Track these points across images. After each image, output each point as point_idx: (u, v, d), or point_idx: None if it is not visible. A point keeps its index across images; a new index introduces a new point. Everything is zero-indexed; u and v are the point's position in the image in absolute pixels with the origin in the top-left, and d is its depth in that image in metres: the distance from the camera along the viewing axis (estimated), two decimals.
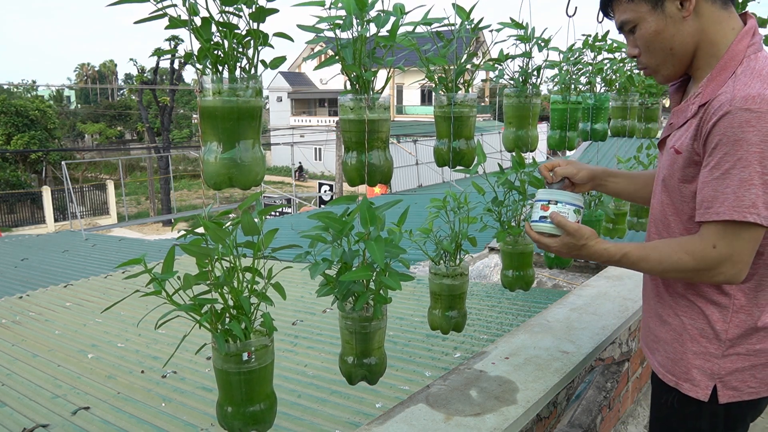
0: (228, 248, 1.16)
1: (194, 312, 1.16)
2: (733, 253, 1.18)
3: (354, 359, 1.44)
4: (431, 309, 1.87)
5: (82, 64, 48.97)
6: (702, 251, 1.21)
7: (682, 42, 1.27)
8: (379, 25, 1.29)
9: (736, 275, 1.20)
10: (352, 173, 1.37)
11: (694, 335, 1.32)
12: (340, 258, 1.33)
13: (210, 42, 1.08)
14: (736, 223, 1.16)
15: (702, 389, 1.31)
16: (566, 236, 1.38)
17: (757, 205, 1.14)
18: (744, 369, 1.28)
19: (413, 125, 26.01)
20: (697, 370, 1.31)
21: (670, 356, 1.37)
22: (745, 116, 1.13)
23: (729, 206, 1.15)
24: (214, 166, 1.10)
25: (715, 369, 1.29)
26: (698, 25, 1.25)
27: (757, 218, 1.14)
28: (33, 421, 2.45)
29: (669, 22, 1.25)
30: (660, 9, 1.25)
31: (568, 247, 1.39)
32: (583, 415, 2.25)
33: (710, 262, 1.20)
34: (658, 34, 1.27)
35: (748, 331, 1.27)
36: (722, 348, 1.29)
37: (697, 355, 1.31)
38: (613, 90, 2.62)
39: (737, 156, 1.14)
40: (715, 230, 1.19)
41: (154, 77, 25.21)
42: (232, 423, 1.23)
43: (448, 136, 1.65)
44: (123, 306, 3.95)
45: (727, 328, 1.28)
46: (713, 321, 1.29)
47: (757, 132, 1.12)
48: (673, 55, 1.29)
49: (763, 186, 1.13)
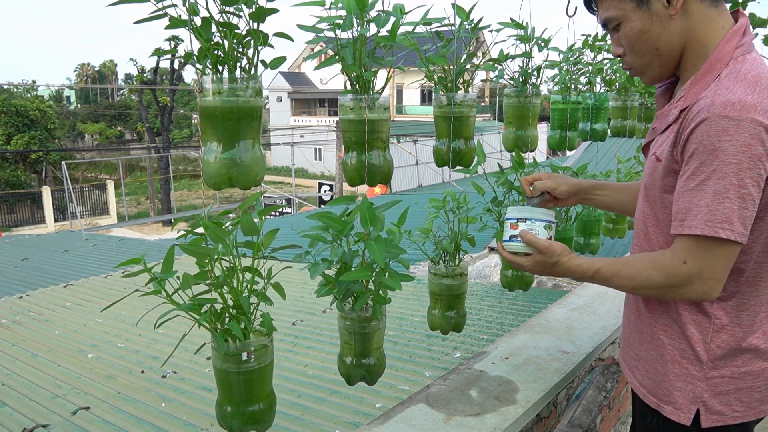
0: (228, 248, 1.16)
1: (194, 312, 1.16)
2: (703, 269, 1.11)
3: (353, 359, 1.44)
4: (430, 309, 1.87)
5: (82, 64, 48.98)
6: (672, 267, 1.15)
7: (669, 42, 1.19)
8: (379, 25, 1.29)
9: (707, 293, 1.14)
10: (352, 173, 1.37)
11: (674, 356, 1.25)
12: (340, 258, 1.33)
13: (210, 42, 1.08)
14: (709, 238, 1.09)
15: (684, 413, 1.24)
16: (538, 254, 1.32)
17: (732, 220, 1.07)
18: (729, 392, 1.21)
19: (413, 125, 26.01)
20: (679, 393, 1.24)
21: (651, 376, 1.30)
22: (723, 124, 1.05)
23: (701, 220, 1.08)
24: (214, 166, 1.10)
25: (698, 392, 1.22)
26: (686, 24, 1.18)
27: (730, 234, 1.07)
28: (33, 421, 2.45)
29: (655, 20, 1.18)
30: (645, 7, 1.18)
31: (540, 265, 1.33)
32: (583, 415, 2.25)
33: (680, 279, 1.14)
34: (644, 33, 1.20)
35: (731, 352, 1.20)
36: (704, 370, 1.21)
37: (679, 377, 1.24)
38: (613, 90, 2.62)
39: (713, 167, 1.07)
40: (687, 244, 1.12)
41: (154, 77, 25.21)
42: (232, 423, 1.23)
43: (447, 136, 1.65)
44: (123, 306, 3.95)
45: (708, 348, 1.21)
46: (693, 342, 1.22)
47: (735, 142, 1.05)
48: (659, 56, 1.21)
49: (740, 200, 1.06)
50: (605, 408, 2.33)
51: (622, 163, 2.98)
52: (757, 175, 1.06)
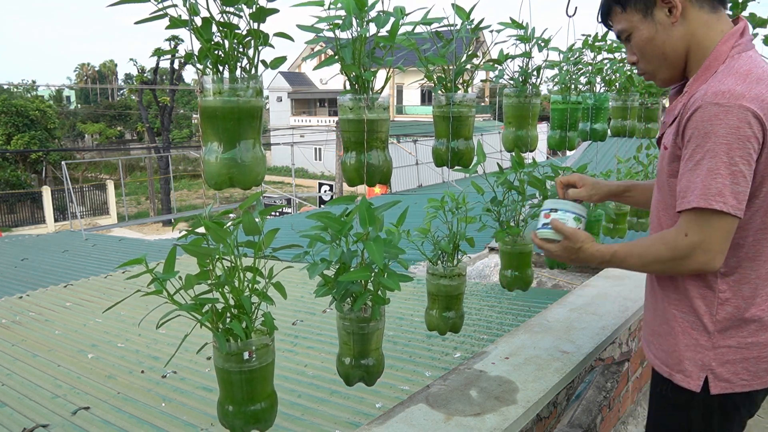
0: (229, 248, 1.16)
1: (195, 311, 1.16)
2: (703, 240, 1.22)
3: (351, 360, 1.44)
4: (428, 309, 1.87)
5: (82, 64, 48.95)
6: (675, 240, 1.26)
7: (673, 46, 1.33)
8: (379, 25, 1.29)
9: (708, 262, 1.24)
10: (351, 173, 1.37)
11: (684, 327, 1.36)
12: (339, 258, 1.33)
13: (210, 42, 1.08)
14: (705, 210, 1.20)
15: (693, 380, 1.34)
16: (565, 240, 1.46)
17: (724, 193, 1.18)
18: (736, 361, 1.31)
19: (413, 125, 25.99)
20: (689, 362, 1.35)
21: (664, 348, 1.42)
22: (714, 110, 1.19)
23: (697, 195, 1.20)
24: (214, 166, 1.10)
25: (706, 360, 1.33)
26: (687, 30, 1.31)
27: (723, 206, 1.19)
28: (33, 421, 2.45)
29: (659, 28, 1.32)
30: (650, 17, 1.32)
31: (567, 250, 1.46)
32: (583, 415, 2.25)
33: (683, 251, 1.25)
34: (651, 40, 1.34)
35: (736, 323, 1.30)
36: (711, 340, 1.32)
37: (688, 347, 1.35)
38: (613, 90, 2.62)
39: (706, 147, 1.19)
40: (687, 219, 1.24)
41: (154, 77, 25.20)
42: (233, 422, 1.23)
43: (446, 136, 1.64)
44: (123, 306, 3.95)
45: (714, 320, 1.32)
46: (701, 314, 1.33)
47: (725, 125, 1.18)
48: (666, 59, 1.35)
49: (731, 176, 1.18)
50: (605, 408, 2.33)
51: (622, 162, 2.98)
52: (747, 155, 1.18)
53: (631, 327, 2.41)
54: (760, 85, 1.20)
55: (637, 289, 2.53)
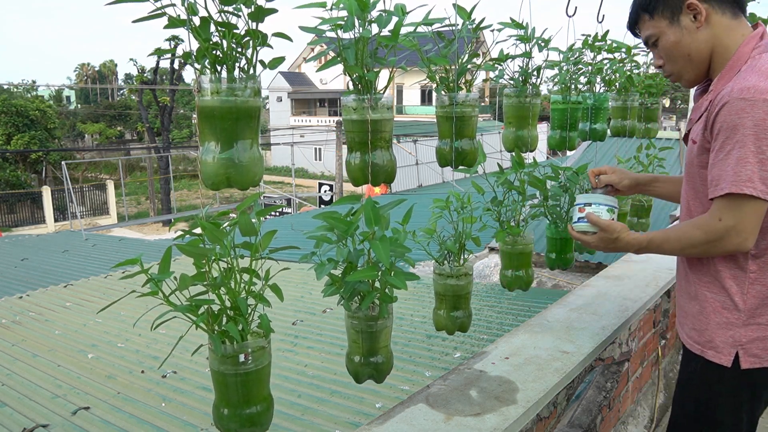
0: (225, 249, 1.16)
1: (191, 313, 1.15)
2: (736, 224, 1.33)
3: (361, 358, 1.44)
4: (436, 309, 1.87)
5: (82, 64, 48.94)
6: (709, 224, 1.37)
7: (698, 49, 1.44)
8: (381, 25, 1.29)
9: (741, 244, 1.35)
10: (356, 173, 1.36)
11: (716, 307, 1.46)
12: (346, 258, 1.33)
13: (208, 42, 1.08)
14: (736, 196, 1.31)
15: (725, 355, 1.45)
16: (601, 232, 1.58)
17: (753, 179, 1.29)
18: (765, 338, 1.41)
19: (413, 125, 25.98)
20: (720, 339, 1.45)
21: (696, 327, 1.52)
22: (741, 105, 1.29)
23: (729, 182, 1.31)
24: (212, 167, 1.10)
25: (737, 337, 1.43)
26: (711, 33, 1.43)
27: (753, 191, 1.29)
28: (33, 421, 2.45)
29: (685, 33, 1.44)
30: (677, 22, 1.44)
31: (604, 241, 1.59)
32: (583, 415, 2.25)
33: (717, 234, 1.36)
34: (677, 44, 1.45)
35: (766, 301, 1.41)
36: (742, 318, 1.42)
37: (720, 325, 1.45)
38: (613, 90, 2.62)
39: (735, 139, 1.30)
40: (720, 205, 1.35)
41: (154, 77, 25.20)
42: (229, 425, 1.21)
43: (450, 136, 1.64)
44: (123, 306, 3.95)
45: (745, 299, 1.42)
46: (732, 293, 1.43)
47: (751, 117, 1.28)
48: (691, 61, 1.46)
49: (759, 163, 1.28)
50: (605, 408, 2.33)
51: (622, 162, 2.97)
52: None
53: (631, 327, 2.41)
54: None
55: (637, 289, 2.53)
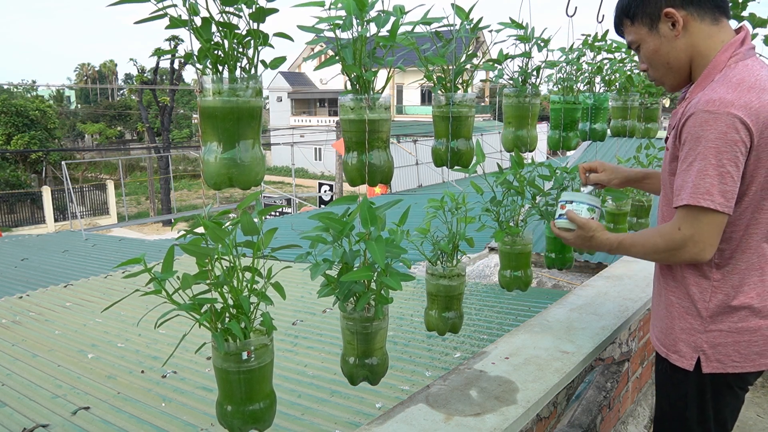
0: (227, 248, 1.16)
1: (194, 311, 1.16)
2: (694, 234, 1.35)
3: (356, 360, 1.44)
4: (428, 310, 1.87)
5: (82, 64, 48.90)
6: (670, 233, 1.40)
7: (677, 57, 1.45)
8: (379, 25, 1.29)
9: (698, 254, 1.37)
10: (353, 173, 1.36)
11: (680, 312, 1.50)
12: (341, 258, 1.33)
13: (210, 42, 1.08)
14: (695, 207, 1.33)
15: (687, 360, 1.48)
16: (578, 229, 1.64)
17: (712, 192, 1.31)
18: (726, 344, 1.44)
19: (413, 125, 25.97)
20: (683, 343, 1.49)
21: (663, 330, 1.56)
22: (705, 117, 1.31)
23: (688, 193, 1.33)
24: (214, 166, 1.10)
25: (698, 343, 1.46)
26: (689, 41, 1.43)
27: (711, 204, 1.31)
28: (33, 421, 2.45)
29: (664, 41, 1.45)
30: (656, 30, 1.45)
31: (581, 238, 1.64)
32: (583, 415, 2.25)
33: (677, 243, 1.39)
34: (656, 51, 1.47)
35: (727, 309, 1.43)
36: (704, 324, 1.46)
37: (683, 330, 1.49)
38: (613, 90, 2.62)
39: (698, 151, 1.32)
40: (680, 215, 1.38)
41: (154, 77, 25.20)
42: (232, 422, 1.23)
43: (446, 135, 1.64)
44: (123, 306, 3.95)
45: (707, 306, 1.45)
46: (695, 300, 1.46)
47: (714, 130, 1.29)
48: (671, 68, 1.48)
49: (719, 176, 1.30)
50: (605, 408, 2.33)
51: (622, 163, 2.97)
52: (734, 157, 1.30)
53: (631, 327, 2.41)
54: (750, 93, 1.30)
55: (637, 289, 2.53)
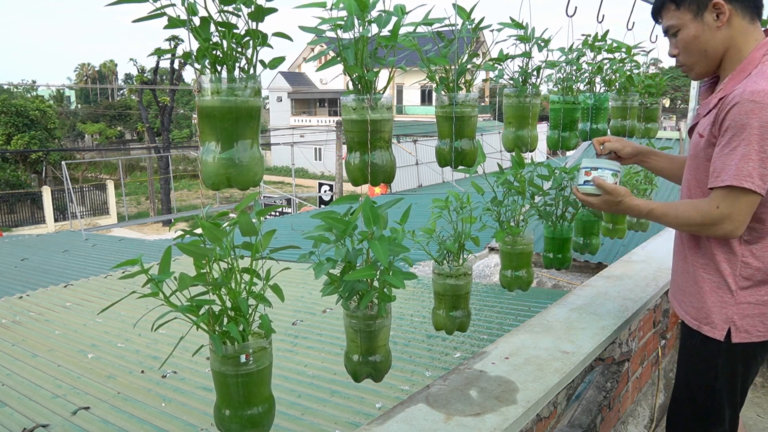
0: (225, 249, 1.16)
1: (191, 313, 1.15)
2: (732, 213, 1.47)
3: (359, 357, 1.44)
4: (435, 309, 1.87)
5: (82, 64, 48.86)
6: (708, 210, 1.50)
7: (715, 47, 1.56)
8: (381, 25, 1.29)
9: (733, 231, 1.49)
10: (355, 173, 1.36)
11: (712, 287, 1.61)
12: (344, 257, 1.33)
13: (209, 42, 1.08)
14: (736, 188, 1.44)
15: (719, 330, 1.60)
16: (605, 194, 1.70)
17: (753, 175, 1.42)
18: (754, 315, 1.57)
19: (413, 125, 25.97)
20: (715, 315, 1.60)
21: (694, 305, 1.67)
22: (750, 106, 1.41)
23: (731, 175, 1.44)
24: (212, 166, 1.10)
25: (729, 314, 1.58)
26: (729, 34, 1.54)
27: (752, 185, 1.42)
28: (33, 421, 2.45)
29: (706, 29, 1.54)
30: (700, 18, 1.54)
31: (607, 203, 1.72)
32: (583, 415, 2.25)
33: (713, 219, 1.50)
34: (696, 38, 1.56)
35: (756, 283, 1.56)
36: (734, 297, 1.58)
37: (715, 303, 1.60)
38: (613, 90, 2.61)
39: (742, 137, 1.42)
40: (720, 194, 1.48)
41: (154, 77, 25.19)
42: (230, 426, 1.21)
43: (450, 136, 1.64)
44: (123, 306, 3.95)
45: (736, 281, 1.57)
46: (725, 275, 1.58)
47: (759, 119, 1.40)
48: (706, 57, 1.58)
49: (760, 161, 1.41)
50: (605, 408, 2.33)
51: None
52: None
53: (631, 327, 2.41)
54: None
55: (637, 289, 2.53)
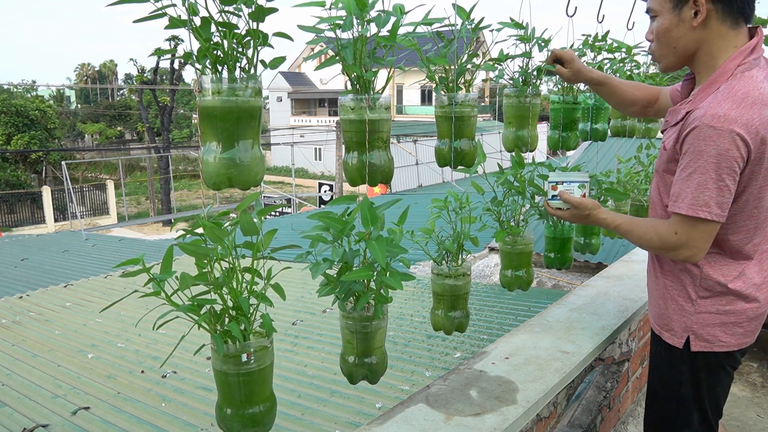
0: (227, 248, 1.16)
1: (193, 312, 1.15)
2: (689, 240, 1.46)
3: (355, 359, 1.44)
4: (434, 310, 1.87)
5: (82, 64, 48.84)
6: (666, 235, 1.50)
7: (685, 45, 1.49)
8: (380, 25, 1.29)
9: (691, 257, 1.49)
10: (353, 173, 1.36)
11: (673, 295, 1.62)
12: (341, 258, 1.32)
13: (209, 42, 1.08)
14: (692, 217, 1.42)
15: (678, 338, 1.61)
16: (573, 209, 1.72)
17: (710, 204, 1.39)
18: (714, 325, 1.55)
19: (413, 125, 25.97)
20: (675, 323, 1.61)
21: (658, 312, 1.68)
22: (708, 132, 1.36)
23: (687, 204, 1.41)
24: (213, 166, 1.10)
25: (689, 323, 1.58)
26: (703, 36, 1.46)
27: (708, 215, 1.40)
28: (33, 421, 2.45)
29: (680, 24, 1.47)
30: (678, 10, 1.46)
31: (576, 217, 1.74)
32: (583, 415, 2.25)
33: (671, 245, 1.49)
34: (668, 31, 1.49)
35: (716, 294, 1.55)
36: (694, 307, 1.57)
37: (676, 311, 1.61)
38: None
39: (698, 164, 1.38)
40: (677, 221, 1.46)
41: (154, 77, 25.19)
42: (231, 425, 1.21)
43: (449, 136, 1.64)
44: (123, 306, 3.95)
45: (697, 291, 1.56)
46: (686, 284, 1.58)
47: (716, 146, 1.35)
48: (675, 52, 1.52)
49: (717, 190, 1.38)
50: (605, 408, 2.33)
51: (622, 162, 2.97)
52: (733, 171, 1.37)
53: (631, 327, 2.41)
54: (753, 109, 1.35)
55: (637, 289, 2.53)
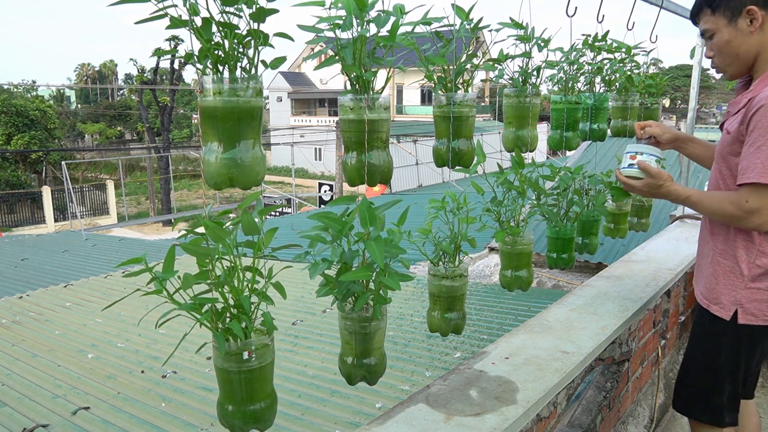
0: (228, 248, 1.16)
1: (195, 311, 1.16)
2: (761, 207, 1.59)
3: (353, 359, 1.44)
4: (430, 311, 1.86)
5: (82, 64, 48.85)
6: (738, 203, 1.63)
7: (747, 51, 1.68)
8: (379, 25, 1.29)
9: (762, 225, 1.62)
10: (352, 173, 1.36)
11: (725, 271, 1.76)
12: (340, 258, 1.33)
13: (210, 42, 1.08)
14: (763, 184, 1.56)
15: (726, 311, 1.75)
16: (649, 178, 1.81)
17: None
18: (762, 300, 1.71)
19: (413, 125, 25.98)
20: (725, 297, 1.76)
21: (707, 286, 1.83)
22: None
23: (757, 172, 1.56)
24: (214, 166, 1.10)
25: (738, 297, 1.73)
26: (761, 39, 1.66)
27: None
28: (33, 421, 2.46)
29: (739, 34, 1.66)
30: (734, 23, 1.66)
31: (649, 186, 1.82)
32: (583, 415, 2.25)
33: (744, 212, 1.62)
34: (729, 42, 1.68)
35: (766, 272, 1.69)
36: (745, 282, 1.72)
37: (726, 286, 1.76)
38: (613, 90, 2.62)
39: (767, 137, 1.54)
40: (748, 190, 1.60)
41: (154, 77, 25.21)
42: (233, 421, 1.23)
43: (447, 136, 1.64)
44: (123, 306, 3.95)
45: (750, 267, 1.71)
46: (740, 262, 1.73)
47: None
48: (738, 59, 1.70)
49: None
50: (605, 408, 2.33)
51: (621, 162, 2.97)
52: None
53: (631, 327, 2.42)
54: None
55: (637, 289, 2.53)
